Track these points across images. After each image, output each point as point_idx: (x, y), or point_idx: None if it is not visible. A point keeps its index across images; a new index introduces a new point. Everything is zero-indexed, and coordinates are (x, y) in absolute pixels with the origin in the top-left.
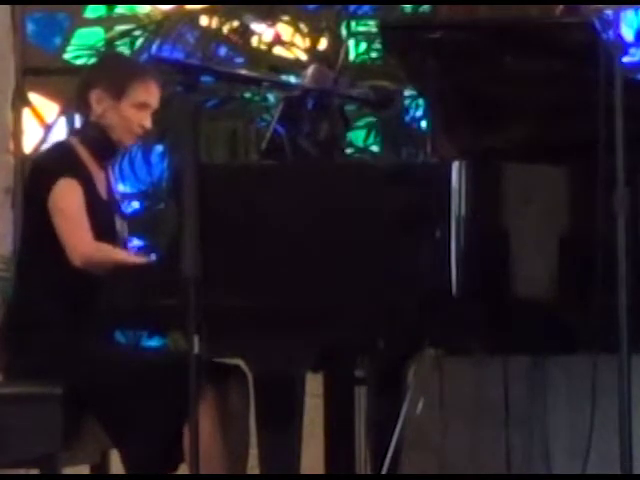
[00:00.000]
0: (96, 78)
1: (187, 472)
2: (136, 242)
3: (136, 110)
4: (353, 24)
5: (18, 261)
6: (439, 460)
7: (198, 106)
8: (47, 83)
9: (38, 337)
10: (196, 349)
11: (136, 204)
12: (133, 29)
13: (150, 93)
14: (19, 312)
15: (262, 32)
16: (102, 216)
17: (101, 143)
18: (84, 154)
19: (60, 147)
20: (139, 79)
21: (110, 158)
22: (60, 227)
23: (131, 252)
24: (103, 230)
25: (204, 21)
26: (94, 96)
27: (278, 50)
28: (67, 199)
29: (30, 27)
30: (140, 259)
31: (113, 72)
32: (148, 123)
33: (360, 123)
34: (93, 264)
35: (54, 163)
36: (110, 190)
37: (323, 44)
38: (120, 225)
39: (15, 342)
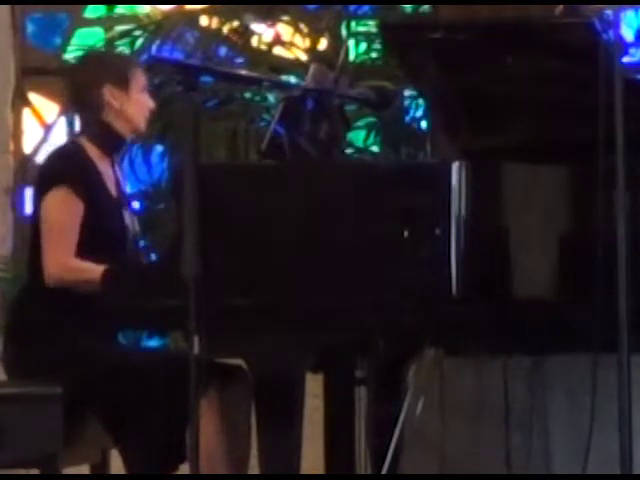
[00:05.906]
0: (100, 76)
1: (187, 472)
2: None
3: (142, 93)
4: (353, 24)
5: (28, 260)
6: (439, 460)
7: (198, 106)
8: (47, 83)
9: (39, 336)
10: (196, 349)
11: (136, 204)
12: (133, 29)
13: (142, 74)
14: (22, 310)
15: (262, 32)
16: (112, 215)
17: (109, 138)
18: (94, 153)
19: (67, 149)
20: (132, 65)
21: (119, 150)
22: (42, 238)
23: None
24: (112, 229)
25: (204, 21)
26: (108, 93)
27: (278, 50)
28: (55, 212)
29: (30, 27)
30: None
31: (113, 65)
32: (152, 103)
33: (360, 123)
34: (62, 284)
35: (53, 168)
36: (119, 186)
37: (323, 44)
38: (130, 220)
39: (17, 340)
